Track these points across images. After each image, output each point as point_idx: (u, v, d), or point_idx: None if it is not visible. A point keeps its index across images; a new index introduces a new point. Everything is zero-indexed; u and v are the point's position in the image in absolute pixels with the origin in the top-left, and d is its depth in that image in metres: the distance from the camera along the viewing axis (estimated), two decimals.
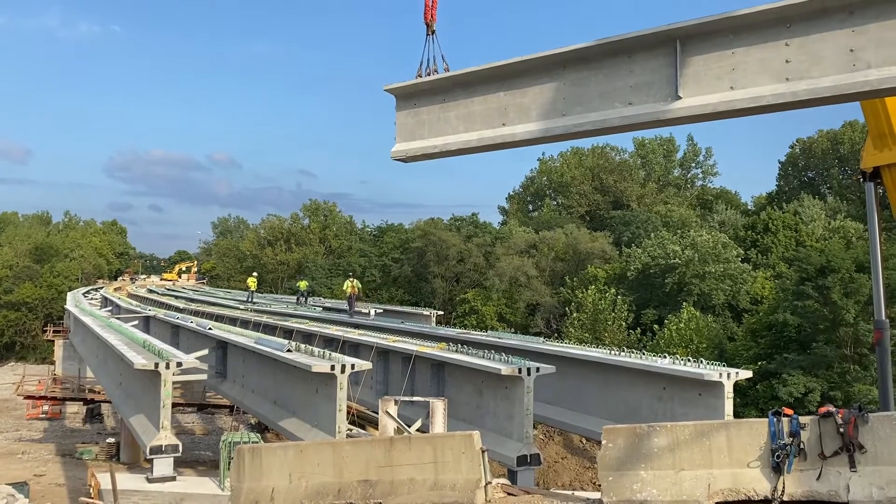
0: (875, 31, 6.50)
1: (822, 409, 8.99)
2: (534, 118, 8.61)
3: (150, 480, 17.15)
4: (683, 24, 7.41)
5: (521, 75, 8.67)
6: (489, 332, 32.73)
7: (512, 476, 16.06)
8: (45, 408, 44.28)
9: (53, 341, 57.16)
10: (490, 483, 9.63)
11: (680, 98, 7.47)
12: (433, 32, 9.85)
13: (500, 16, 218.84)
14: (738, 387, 18.23)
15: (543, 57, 8.43)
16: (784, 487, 8.61)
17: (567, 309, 52.76)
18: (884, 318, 16.50)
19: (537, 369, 16.61)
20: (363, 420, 30.16)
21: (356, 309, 37.46)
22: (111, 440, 35.97)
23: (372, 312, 38.60)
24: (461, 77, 9.23)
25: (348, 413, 17.39)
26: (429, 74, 9.58)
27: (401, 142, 9.93)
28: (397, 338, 23.85)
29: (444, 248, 65.74)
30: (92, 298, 57.17)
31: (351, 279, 38.38)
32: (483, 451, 9.51)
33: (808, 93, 6.81)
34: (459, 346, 20.15)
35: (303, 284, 48.39)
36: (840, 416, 8.69)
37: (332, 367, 16.25)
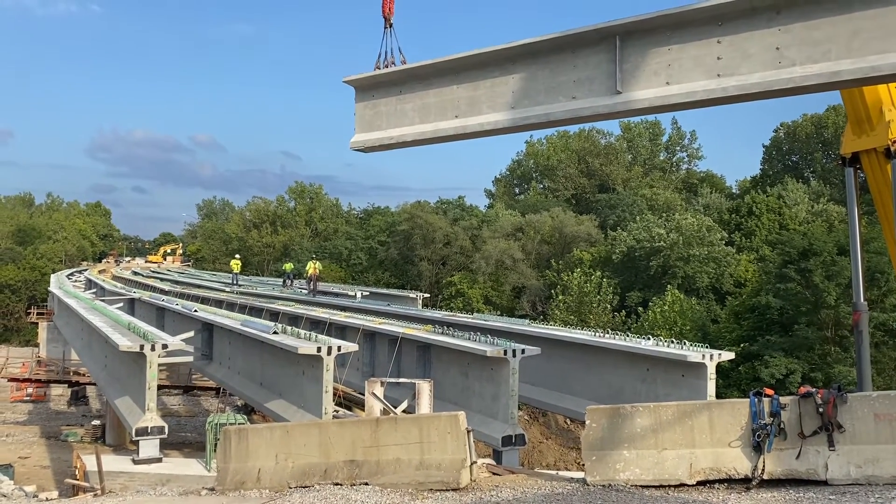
0: (799, 30, 6.73)
1: (803, 390, 9.14)
2: (485, 111, 8.81)
3: (135, 462, 17.16)
4: (623, 20, 7.63)
5: (473, 69, 8.85)
6: (475, 314, 32.91)
7: (497, 456, 16.20)
8: (30, 390, 44.05)
9: (37, 324, 56.78)
10: (475, 463, 9.73)
11: (619, 93, 7.70)
12: (391, 25, 9.95)
13: (461, 10, 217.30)
14: (720, 368, 18.41)
15: (494, 51, 8.61)
16: (764, 466, 8.77)
17: (553, 291, 53.00)
18: (862, 300, 16.76)
19: (522, 351, 16.71)
20: (349, 402, 30.26)
21: (318, 289, 38.79)
22: (96, 422, 35.92)
23: (358, 295, 38.70)
24: (416, 70, 9.37)
25: (335, 395, 17.43)
26: (386, 67, 9.69)
27: (360, 132, 10.05)
28: (384, 320, 23.89)
29: (431, 232, 65.72)
30: (76, 281, 56.76)
31: (314, 261, 39.87)
32: (468, 432, 9.60)
33: (737, 89, 7.05)
34: (445, 328, 20.21)
35: (289, 267, 48.15)
36: (820, 396, 8.84)
37: (319, 349, 16.29)
